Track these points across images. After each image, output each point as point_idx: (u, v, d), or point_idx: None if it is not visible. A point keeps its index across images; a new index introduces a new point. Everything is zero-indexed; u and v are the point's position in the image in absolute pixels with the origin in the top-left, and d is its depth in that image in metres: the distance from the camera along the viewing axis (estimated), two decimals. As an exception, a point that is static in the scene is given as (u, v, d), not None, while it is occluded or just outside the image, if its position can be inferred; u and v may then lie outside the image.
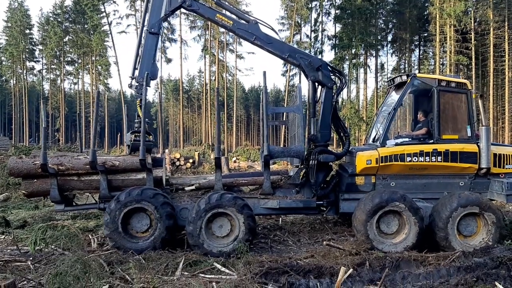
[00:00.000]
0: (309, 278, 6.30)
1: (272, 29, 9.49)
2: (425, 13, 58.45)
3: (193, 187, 9.02)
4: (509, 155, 8.88)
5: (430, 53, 67.48)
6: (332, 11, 62.70)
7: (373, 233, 7.83)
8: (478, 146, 8.56)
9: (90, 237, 8.82)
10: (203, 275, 6.40)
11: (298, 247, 8.70)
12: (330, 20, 64.87)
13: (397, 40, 66.33)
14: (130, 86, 8.93)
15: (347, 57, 58.88)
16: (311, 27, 64.76)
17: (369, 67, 62.28)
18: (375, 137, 9.45)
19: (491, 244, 7.74)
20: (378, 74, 68.10)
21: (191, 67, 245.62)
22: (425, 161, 8.45)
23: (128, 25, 64.42)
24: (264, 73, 8.61)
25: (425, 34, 62.48)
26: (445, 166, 8.52)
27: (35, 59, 79.13)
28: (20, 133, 75.40)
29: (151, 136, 9.17)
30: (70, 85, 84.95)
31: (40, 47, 76.93)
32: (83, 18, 68.86)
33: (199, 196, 8.61)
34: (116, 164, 8.50)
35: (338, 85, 9.24)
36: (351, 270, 6.05)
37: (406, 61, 70.95)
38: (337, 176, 9.24)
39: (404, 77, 9.14)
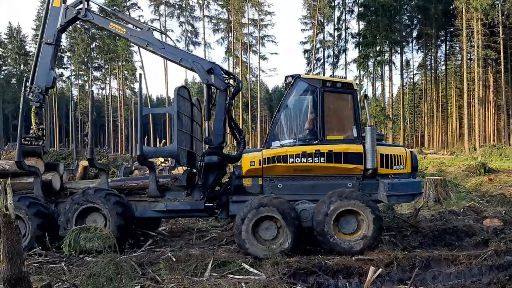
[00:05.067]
0: (338, 278, 6.30)
1: (166, 34, 10.20)
2: (451, 7, 57.31)
3: None
4: (397, 155, 8.56)
5: (457, 48, 66.23)
6: (356, 9, 62.32)
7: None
8: (364, 147, 8.30)
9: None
10: (232, 275, 6.46)
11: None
12: (354, 18, 64.19)
13: (423, 36, 65.30)
14: (28, 94, 9.23)
15: (371, 55, 58.25)
16: (334, 25, 64.45)
17: (394, 64, 61.56)
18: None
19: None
20: (404, 71, 67.20)
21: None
22: (308, 162, 8.22)
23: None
24: (140, 75, 8.85)
25: (451, 29, 61.34)
26: (329, 167, 8.26)
27: (63, 66, 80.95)
28: (51, 138, 77.29)
29: (42, 141, 9.54)
30: (98, 90, 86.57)
31: (68, 54, 78.61)
32: (109, 24, 70.09)
33: None
34: (6, 168, 8.78)
35: (235, 88, 9.31)
36: (380, 270, 6.01)
37: (432, 57, 69.79)
38: (230, 179, 9.16)
39: (290, 78, 8.87)
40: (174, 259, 7.16)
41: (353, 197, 7.77)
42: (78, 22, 10.12)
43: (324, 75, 65.36)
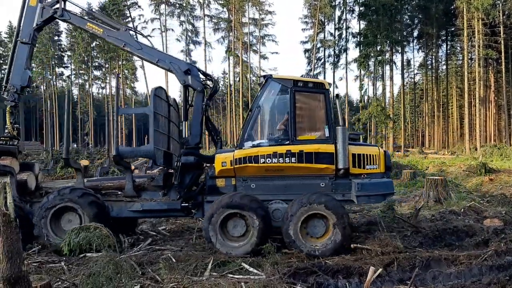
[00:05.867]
0: (337, 278, 6.29)
1: (143, 35, 10.08)
2: (452, 7, 57.25)
3: None
4: (370, 155, 8.44)
5: (458, 47, 66.18)
6: (356, 8, 62.20)
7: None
8: (336, 146, 8.19)
9: (122, 238, 9.02)
10: (231, 275, 6.45)
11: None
12: (354, 18, 64.10)
13: (423, 35, 65.27)
14: (3, 93, 9.27)
15: (372, 54, 58.17)
16: (335, 25, 64.35)
17: (395, 63, 61.40)
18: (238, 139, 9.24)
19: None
20: (405, 71, 67.18)
21: (215, 69, 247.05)
22: (279, 162, 8.15)
23: (153, 29, 65.28)
24: (117, 75, 8.80)
25: (452, 29, 61.30)
26: (300, 167, 8.18)
27: (64, 65, 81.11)
28: (51, 137, 77.34)
29: (17, 141, 9.55)
30: (98, 90, 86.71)
31: (69, 53, 78.73)
32: (110, 23, 70.10)
33: None
34: None
35: (212, 89, 9.37)
36: (380, 270, 6.00)
37: (433, 57, 69.75)
38: (205, 179, 9.16)
39: (262, 79, 8.86)
40: (174, 259, 7.15)
41: (297, 209, 7.72)
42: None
43: (325, 74, 65.46)
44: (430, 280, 6.25)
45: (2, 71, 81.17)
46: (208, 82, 9.45)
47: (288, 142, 8.27)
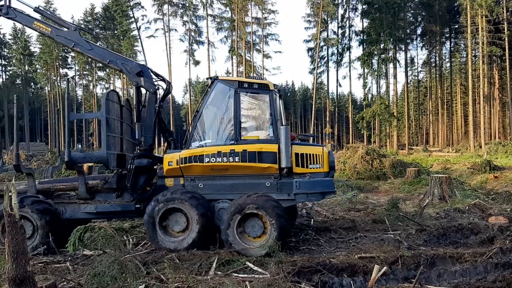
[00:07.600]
0: (342, 276, 6.28)
1: (91, 34, 9.76)
2: (455, 4, 57.10)
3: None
4: (312, 154, 8.48)
5: (462, 45, 66.00)
6: (359, 7, 62.29)
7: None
8: (279, 146, 8.23)
9: (125, 238, 9.05)
10: (236, 274, 6.46)
11: (330, 246, 8.66)
12: (357, 16, 64.24)
13: (427, 33, 65.09)
14: None
15: (375, 52, 58.16)
16: (338, 23, 64.44)
17: (398, 61, 61.31)
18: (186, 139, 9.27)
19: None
20: (408, 69, 67.01)
21: (218, 68, 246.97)
22: (223, 162, 8.25)
23: (156, 29, 65.53)
24: (68, 80, 8.84)
25: (456, 26, 61.08)
26: (244, 166, 8.27)
27: (68, 66, 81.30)
28: (56, 138, 77.60)
29: None
30: (102, 90, 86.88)
31: (73, 54, 78.88)
32: (113, 24, 70.36)
33: None
34: None
35: (165, 90, 9.39)
36: (385, 268, 6.00)
37: (437, 54, 69.54)
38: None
39: (209, 80, 8.92)
40: (178, 258, 7.16)
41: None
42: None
43: (328, 73, 65.44)
44: (435, 278, 6.23)
45: (7, 73, 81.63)
46: (161, 84, 9.42)
47: (232, 142, 8.38)
